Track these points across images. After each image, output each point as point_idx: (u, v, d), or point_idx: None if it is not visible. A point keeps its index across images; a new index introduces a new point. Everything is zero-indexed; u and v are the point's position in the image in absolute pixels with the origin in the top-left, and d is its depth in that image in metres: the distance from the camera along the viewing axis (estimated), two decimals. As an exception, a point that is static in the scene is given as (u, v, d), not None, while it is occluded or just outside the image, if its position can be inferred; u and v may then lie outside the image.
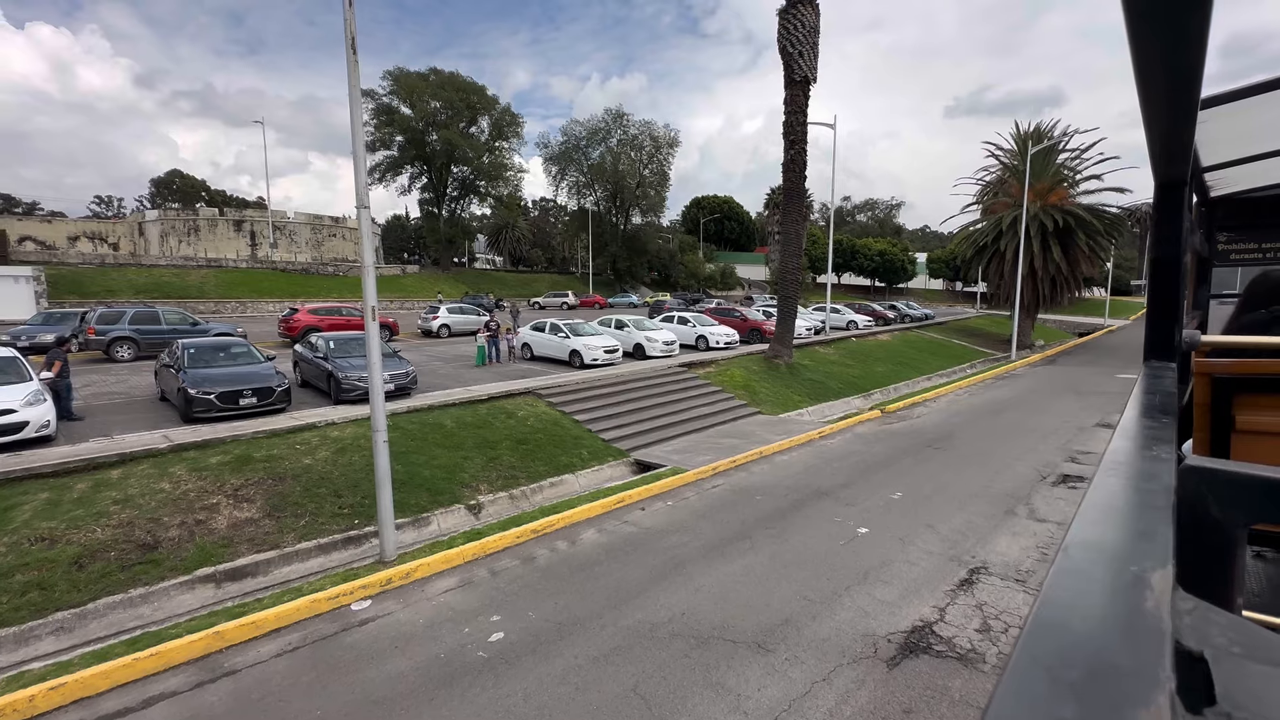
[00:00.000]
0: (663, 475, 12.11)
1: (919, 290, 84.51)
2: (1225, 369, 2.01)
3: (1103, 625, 0.47)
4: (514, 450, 12.61)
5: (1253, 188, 3.77)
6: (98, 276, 38.11)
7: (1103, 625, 0.47)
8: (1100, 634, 0.45)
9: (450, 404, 13.91)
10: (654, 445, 14.46)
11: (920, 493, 11.30)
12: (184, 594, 7.83)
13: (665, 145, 65.11)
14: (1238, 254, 4.13)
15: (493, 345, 19.81)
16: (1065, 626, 0.46)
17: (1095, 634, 0.45)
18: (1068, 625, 0.47)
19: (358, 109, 7.65)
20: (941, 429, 16.55)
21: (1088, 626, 0.46)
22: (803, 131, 21.36)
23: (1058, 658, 0.42)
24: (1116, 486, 0.80)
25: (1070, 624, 0.47)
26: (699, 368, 20.46)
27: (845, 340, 29.42)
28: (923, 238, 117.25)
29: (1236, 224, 4.08)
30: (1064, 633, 0.45)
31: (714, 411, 17.38)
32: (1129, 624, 0.47)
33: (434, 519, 10.28)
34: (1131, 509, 0.74)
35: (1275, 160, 3.11)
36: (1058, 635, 0.45)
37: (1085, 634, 0.45)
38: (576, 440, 13.71)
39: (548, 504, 11.06)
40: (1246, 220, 4.06)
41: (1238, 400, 2.02)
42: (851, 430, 16.50)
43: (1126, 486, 0.80)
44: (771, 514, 10.34)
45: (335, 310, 24.88)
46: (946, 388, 23.11)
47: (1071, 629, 0.46)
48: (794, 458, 13.83)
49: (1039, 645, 0.44)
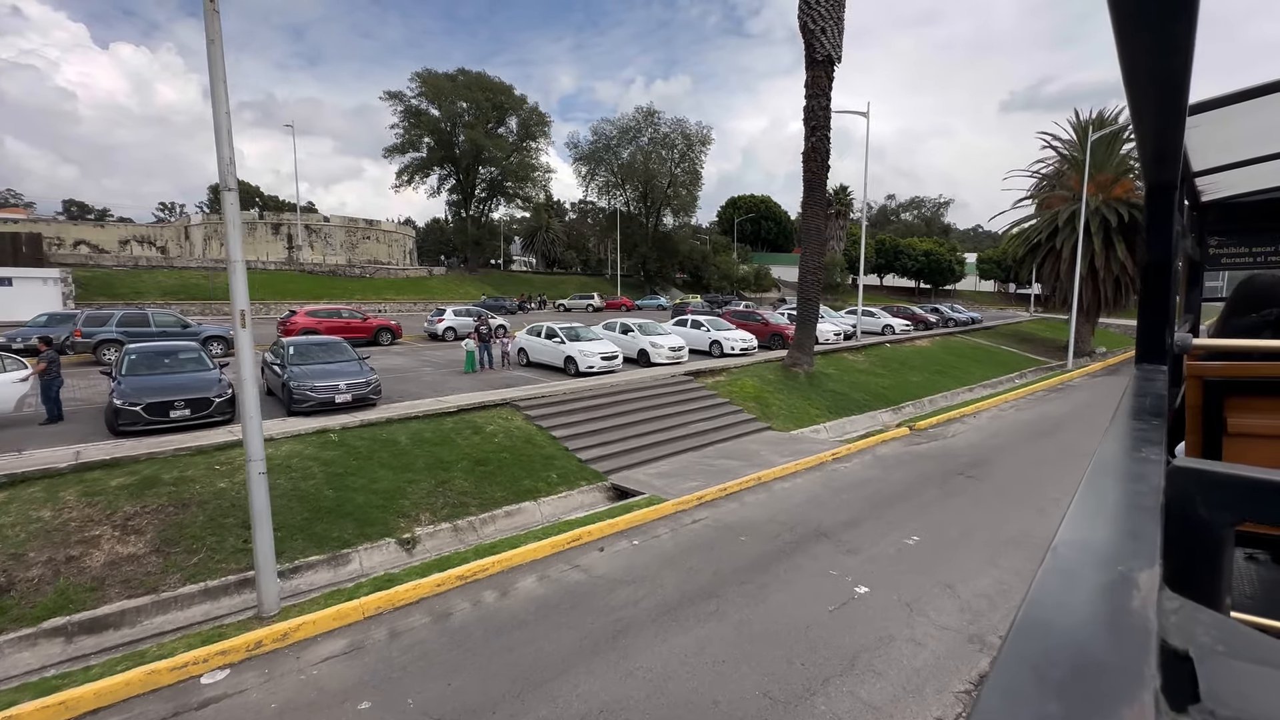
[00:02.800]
0: (636, 506, 10.44)
1: (968, 292, 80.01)
2: (1216, 372, 2.00)
3: (1089, 624, 0.47)
4: (470, 472, 11.13)
5: (1243, 192, 3.78)
6: (128, 279, 38.79)
7: (1089, 624, 0.47)
8: (1087, 633, 0.46)
9: (413, 416, 12.56)
10: (639, 467, 12.78)
11: (942, 537, 9.30)
12: (22, 650, 6.60)
13: (698, 142, 63.25)
14: (1229, 258, 4.19)
15: (484, 350, 18.38)
16: (1052, 626, 0.47)
17: (1082, 633, 0.46)
18: (1054, 624, 0.47)
19: (219, 65, 6.28)
20: (978, 452, 14.32)
21: (1074, 626, 0.47)
22: (825, 117, 19.31)
23: (1044, 657, 0.42)
24: (1105, 487, 0.82)
25: (1057, 623, 0.47)
26: (706, 376, 18.67)
27: (878, 346, 27.04)
28: (974, 238, 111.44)
29: (1227, 228, 4.14)
30: (1051, 632, 0.46)
31: (717, 427, 15.58)
32: (1115, 623, 0.47)
33: (356, 556, 8.87)
34: (1120, 509, 0.75)
35: (1264, 165, 3.11)
36: (1044, 635, 0.45)
37: (1072, 633, 0.46)
38: (547, 461, 12.15)
39: (495, 539, 9.54)
40: (1237, 224, 4.12)
41: (1229, 403, 2.01)
42: (871, 451, 14.44)
43: (1115, 487, 0.83)
44: (753, 562, 8.54)
45: (335, 312, 24.04)
46: (990, 401, 20.62)
47: (1058, 628, 0.46)
48: (797, 485, 11.93)
49: (1026, 645, 0.44)
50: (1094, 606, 0.50)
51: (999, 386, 24.73)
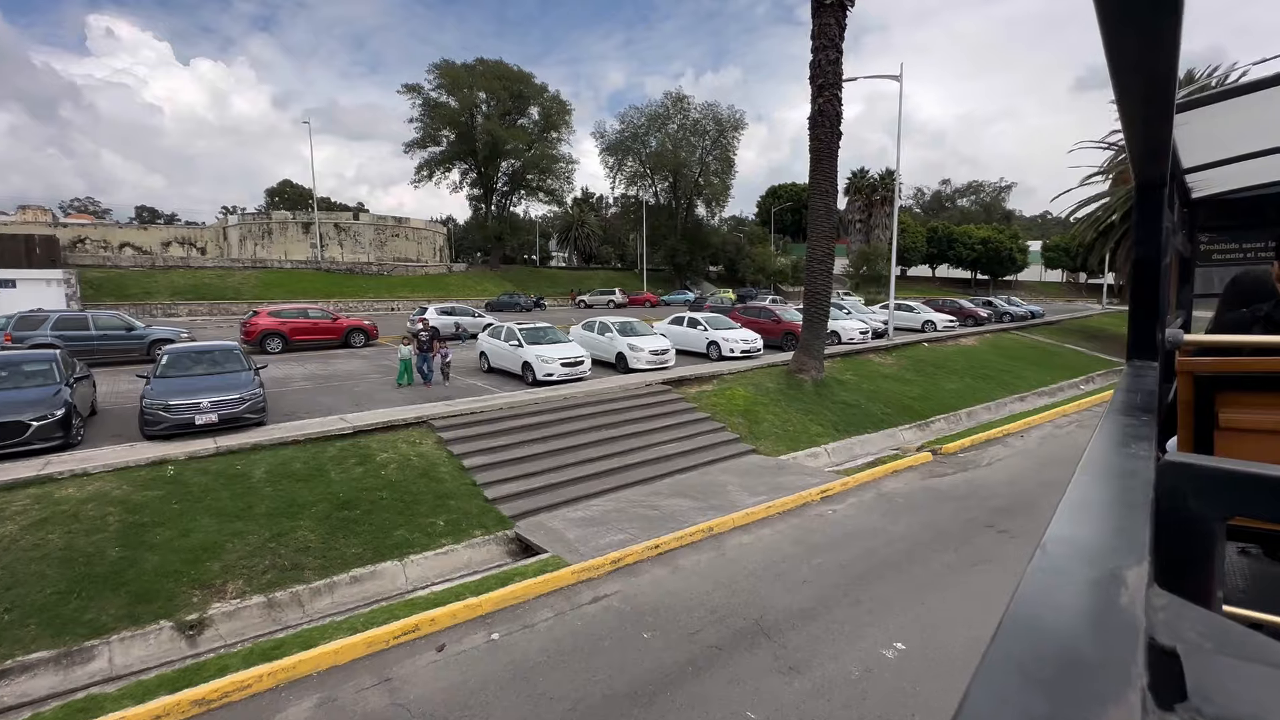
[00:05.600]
0: (521, 574, 7.76)
1: (1031, 283, 73.52)
2: (1207, 367, 2.02)
3: (1077, 622, 0.47)
4: (325, 520, 8.70)
5: (1233, 189, 3.78)
6: (142, 279, 38.67)
7: (1077, 622, 0.47)
8: (1074, 631, 0.45)
9: (289, 442, 10.26)
10: (563, 508, 10.09)
11: (942, 646, 6.24)
12: None
13: (730, 128, 59.49)
14: (1219, 254, 4.26)
15: (424, 360, 15.81)
16: (1040, 624, 0.46)
17: (1069, 631, 0.45)
18: (1042, 623, 0.47)
19: None
20: (1019, 489, 10.97)
21: (1062, 624, 0.46)
22: (835, 73, 16.03)
23: (1031, 655, 0.42)
24: (1095, 484, 0.81)
25: (1045, 621, 0.47)
26: (691, 385, 15.77)
27: (912, 346, 23.38)
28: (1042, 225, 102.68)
29: (1218, 225, 4.21)
30: (1038, 630, 0.45)
31: (686, 450, 12.71)
32: (1103, 621, 0.47)
33: (106, 649, 6.53)
34: (1109, 506, 0.74)
35: (1254, 162, 3.13)
36: (1032, 633, 0.45)
37: (1059, 631, 0.45)
38: (439, 501, 9.60)
39: (326, 616, 7.07)
40: (1227, 221, 4.17)
41: (1220, 398, 2.02)
42: (876, 486, 11.28)
43: (1105, 484, 0.82)
44: (641, 684, 5.73)
45: (301, 312, 22.22)
46: (1043, 415, 16.89)
47: (1046, 626, 0.46)
48: (761, 540, 8.99)
49: (1013, 643, 0.43)
50: (1082, 604, 0.50)
51: (1058, 394, 20.76)
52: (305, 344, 21.59)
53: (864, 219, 65.43)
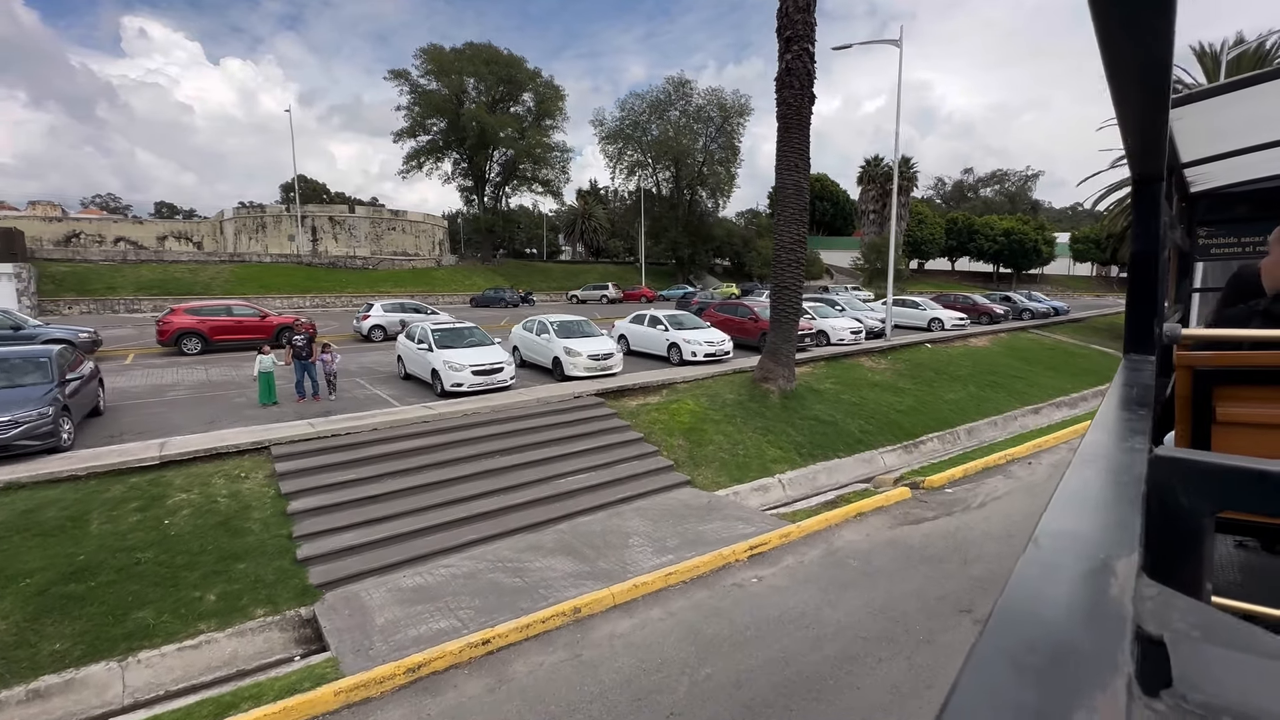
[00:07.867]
0: (259, 696, 5.37)
1: (1058, 277, 69.30)
2: (1205, 361, 1.99)
3: (1066, 612, 0.47)
4: (36, 597, 6.39)
5: (1231, 183, 3.78)
6: (108, 274, 37.11)
7: (1066, 612, 0.47)
8: (1064, 621, 0.46)
9: (59, 479, 8.00)
10: (402, 568, 7.67)
11: None
12: None
13: (735, 114, 56.46)
14: (1218, 248, 4.32)
15: (302, 372, 13.31)
16: (1030, 614, 0.47)
17: (1059, 621, 0.46)
18: (1032, 613, 0.47)
19: None
20: (1015, 545, 8.26)
21: (1052, 614, 0.47)
22: (806, 24, 13.31)
23: (1021, 645, 0.42)
24: (1089, 477, 0.81)
25: (1035, 612, 0.47)
26: (630, 397, 13.27)
27: (912, 348, 20.54)
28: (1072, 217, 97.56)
29: (1216, 219, 4.25)
30: (1028, 621, 0.46)
31: (597, 484, 10.22)
32: (1092, 611, 0.47)
33: None
34: (1102, 499, 0.75)
35: (1251, 156, 3.09)
36: (1022, 623, 0.45)
37: (1049, 621, 0.46)
38: (225, 563, 7.25)
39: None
40: (1226, 215, 4.20)
41: (1218, 392, 1.99)
42: (827, 539, 8.67)
43: (1099, 477, 0.81)
44: None
45: (224, 309, 20.11)
46: (1057, 435, 14.00)
47: (1036, 617, 0.46)
48: (640, 631, 6.48)
49: (1003, 633, 0.44)
50: (1071, 595, 0.50)
51: (1079, 405, 17.80)
52: (229, 344, 19.48)
53: (878, 209, 61.86)
